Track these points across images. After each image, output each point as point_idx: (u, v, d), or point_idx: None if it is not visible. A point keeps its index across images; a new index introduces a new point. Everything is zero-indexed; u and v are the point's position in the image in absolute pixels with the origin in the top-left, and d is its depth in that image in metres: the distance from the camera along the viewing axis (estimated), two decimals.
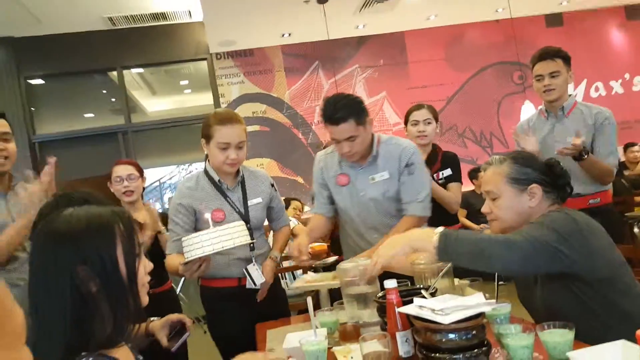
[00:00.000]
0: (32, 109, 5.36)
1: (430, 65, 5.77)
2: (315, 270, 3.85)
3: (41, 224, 0.95)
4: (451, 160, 2.60)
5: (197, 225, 1.98)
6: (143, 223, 2.49)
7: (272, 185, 2.14)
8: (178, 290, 5.21)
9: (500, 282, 1.69)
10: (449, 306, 1.25)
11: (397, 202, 2.08)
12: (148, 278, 1.02)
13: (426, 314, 1.24)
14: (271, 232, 2.40)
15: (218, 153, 1.91)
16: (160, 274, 2.29)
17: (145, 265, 1.00)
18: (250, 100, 5.45)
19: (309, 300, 1.56)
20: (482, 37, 5.91)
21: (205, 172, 2.04)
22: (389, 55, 5.75)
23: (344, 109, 1.93)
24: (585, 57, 5.71)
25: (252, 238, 1.94)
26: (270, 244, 2.30)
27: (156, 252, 2.44)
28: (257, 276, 1.96)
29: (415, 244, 1.40)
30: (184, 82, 6.46)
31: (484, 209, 1.54)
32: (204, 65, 5.56)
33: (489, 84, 5.79)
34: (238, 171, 2.03)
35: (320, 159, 2.23)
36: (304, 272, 3.04)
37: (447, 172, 2.56)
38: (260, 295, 1.97)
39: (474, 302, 1.29)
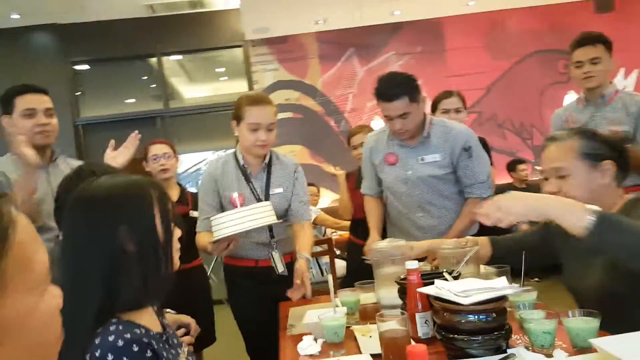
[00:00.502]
0: (77, 93, 5.60)
1: (469, 53, 5.63)
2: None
3: (78, 190, 1.00)
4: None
5: (223, 204, 2.03)
6: (175, 201, 2.59)
7: (297, 177, 2.09)
8: (209, 270, 5.37)
9: (536, 279, 1.65)
10: (470, 288, 1.24)
11: (445, 183, 2.13)
12: (178, 245, 1.07)
13: (446, 295, 1.24)
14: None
15: (248, 134, 1.93)
16: (190, 250, 2.37)
17: (176, 233, 1.05)
18: (284, 87, 5.49)
19: (330, 278, 1.58)
20: (525, 24, 5.69)
21: (234, 155, 2.08)
22: (425, 42, 5.64)
23: (398, 86, 2.03)
24: (638, 46, 5.41)
25: (271, 226, 1.99)
26: None
27: (187, 230, 2.53)
28: (279, 264, 1.99)
29: (554, 212, 1.19)
30: (220, 69, 6.57)
31: (550, 187, 1.41)
32: (239, 52, 5.64)
33: (531, 73, 5.58)
34: (265, 157, 2.04)
35: (370, 139, 2.32)
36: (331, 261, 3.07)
37: None
38: (294, 295, 1.89)
39: (496, 285, 1.27)
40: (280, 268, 1.98)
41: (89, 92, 5.73)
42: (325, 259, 3.70)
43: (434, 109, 2.62)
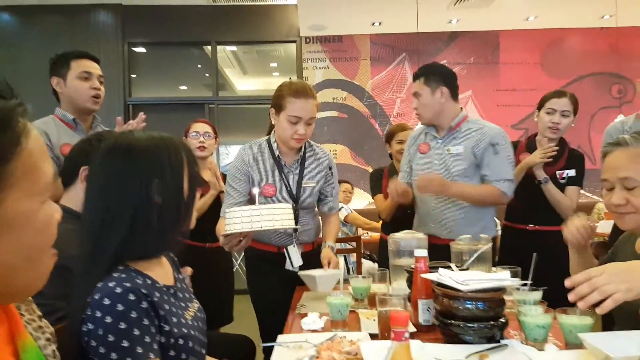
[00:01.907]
0: (133, 75, 5.93)
1: (523, 69, 5.54)
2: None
3: (114, 139, 1.07)
4: (578, 161, 2.41)
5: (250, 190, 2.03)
6: (208, 181, 2.72)
7: (330, 168, 2.12)
8: (239, 259, 5.54)
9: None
10: (471, 278, 1.29)
11: (467, 178, 2.14)
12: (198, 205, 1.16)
13: (446, 281, 1.29)
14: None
15: (287, 126, 1.90)
16: (213, 231, 2.48)
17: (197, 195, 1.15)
18: (333, 86, 5.59)
19: (341, 260, 1.65)
20: (583, 44, 5.55)
21: (268, 143, 2.05)
22: (479, 54, 5.60)
23: (423, 68, 2.23)
24: None
25: (297, 217, 1.98)
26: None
27: (216, 210, 2.66)
28: (296, 259, 1.98)
29: None
30: (273, 64, 6.78)
31: (616, 200, 1.27)
32: (292, 48, 5.80)
33: (584, 95, 5.37)
34: (300, 148, 2.03)
35: (415, 130, 2.44)
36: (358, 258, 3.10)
37: (572, 172, 2.37)
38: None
39: (498, 277, 1.31)
40: (296, 263, 1.97)
41: (142, 74, 6.05)
42: (353, 257, 3.75)
43: (540, 107, 2.50)
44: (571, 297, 1.04)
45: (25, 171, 0.54)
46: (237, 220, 1.62)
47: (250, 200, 2.01)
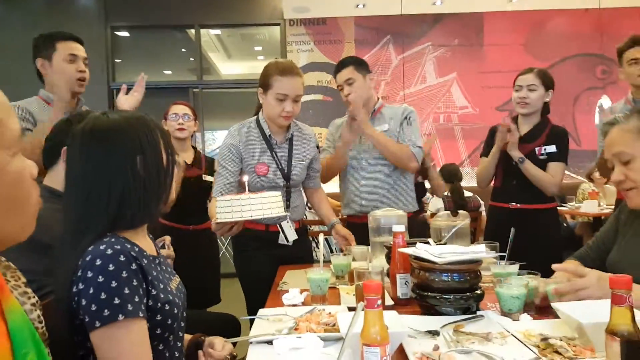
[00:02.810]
0: (117, 60, 5.83)
1: (507, 50, 5.55)
2: None
3: (90, 122, 1.09)
4: (560, 136, 2.40)
5: (242, 172, 2.05)
6: (189, 163, 2.71)
7: (318, 147, 2.21)
8: (225, 243, 5.54)
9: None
10: (447, 251, 1.31)
11: None
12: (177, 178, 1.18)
13: (422, 254, 1.31)
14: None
15: (275, 104, 1.95)
16: (202, 212, 2.48)
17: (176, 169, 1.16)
18: (317, 69, 5.56)
19: (322, 236, 1.66)
20: (567, 26, 5.57)
21: (258, 123, 2.09)
22: (464, 36, 5.60)
23: (348, 59, 2.44)
24: None
25: (289, 195, 2.07)
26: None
27: (199, 193, 2.65)
28: (290, 233, 2.04)
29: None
30: (257, 48, 6.70)
31: (616, 176, 1.32)
32: (277, 31, 5.74)
33: (568, 76, 5.46)
34: (289, 127, 2.08)
35: (336, 120, 2.61)
36: None
37: (551, 148, 2.37)
38: None
39: (472, 250, 1.33)
40: (291, 237, 2.03)
41: (127, 58, 5.96)
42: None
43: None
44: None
45: None
46: (227, 209, 1.63)
47: (242, 187, 2.01)
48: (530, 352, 1.01)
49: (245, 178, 1.77)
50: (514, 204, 2.42)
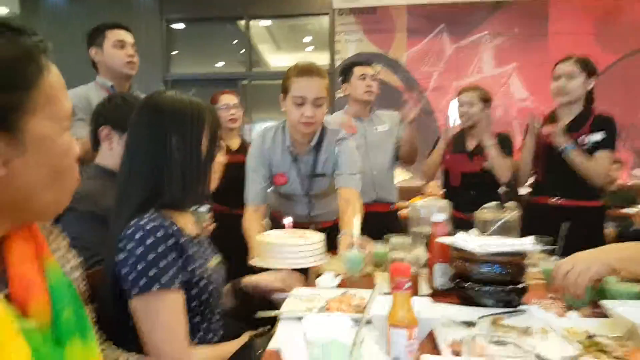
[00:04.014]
0: (173, 53, 6.09)
1: (574, 40, 5.27)
2: None
3: (147, 98, 1.20)
4: (605, 123, 2.32)
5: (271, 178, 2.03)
6: (235, 150, 2.80)
7: (339, 149, 1.99)
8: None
9: None
10: (490, 242, 1.28)
11: (386, 148, 2.73)
12: (219, 170, 1.24)
13: (462, 244, 1.29)
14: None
15: (293, 109, 1.83)
16: (238, 198, 2.56)
17: (220, 159, 1.22)
18: (365, 59, 5.53)
19: (357, 219, 1.66)
20: None
21: (282, 130, 2.01)
22: (526, 24, 5.38)
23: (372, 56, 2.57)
24: None
25: (311, 204, 2.06)
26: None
27: (242, 178, 2.73)
28: None
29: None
30: (306, 39, 6.76)
31: None
32: (326, 22, 5.77)
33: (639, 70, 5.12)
34: (312, 136, 1.94)
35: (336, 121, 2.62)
36: None
37: (596, 137, 2.28)
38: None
39: (517, 242, 1.30)
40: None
41: (180, 51, 6.21)
42: None
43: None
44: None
45: (47, 99, 0.61)
46: (268, 254, 1.56)
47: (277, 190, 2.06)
48: (571, 349, 0.97)
49: (287, 220, 1.68)
50: (555, 199, 2.33)
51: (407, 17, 5.50)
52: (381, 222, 2.23)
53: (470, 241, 1.30)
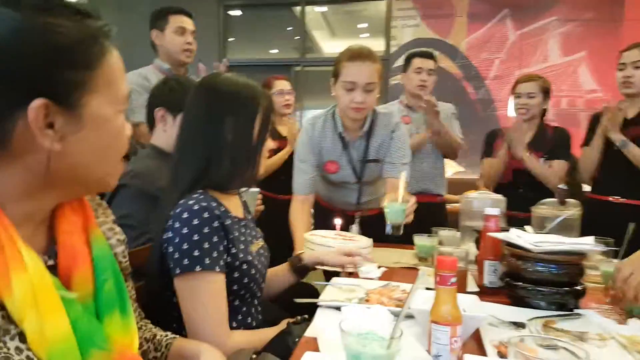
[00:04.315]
0: (230, 39, 6.19)
1: None
2: None
3: (205, 78, 1.22)
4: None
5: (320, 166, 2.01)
6: (285, 136, 2.81)
7: (393, 132, 1.96)
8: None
9: None
10: (546, 240, 1.21)
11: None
12: (267, 154, 1.23)
13: (516, 240, 1.23)
14: None
15: (343, 94, 1.81)
16: (286, 183, 2.58)
17: (269, 143, 1.22)
18: (422, 46, 5.31)
19: (403, 176, 1.64)
20: None
21: (332, 116, 1.98)
22: (599, 9, 5.02)
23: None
24: None
25: (361, 191, 2.02)
26: None
27: (291, 165, 2.75)
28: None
29: None
30: (362, 25, 6.67)
31: None
32: (382, 7, 5.65)
33: None
34: (364, 122, 1.92)
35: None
36: None
37: None
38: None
39: (576, 241, 1.22)
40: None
41: (237, 37, 6.30)
42: None
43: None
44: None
45: (106, 81, 0.64)
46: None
47: (323, 176, 2.05)
48: (631, 359, 0.90)
49: (337, 222, 1.69)
50: (615, 197, 2.18)
51: (469, 2, 5.28)
52: (426, 213, 2.13)
53: (524, 238, 1.24)
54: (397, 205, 1.60)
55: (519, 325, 1.06)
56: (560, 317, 1.11)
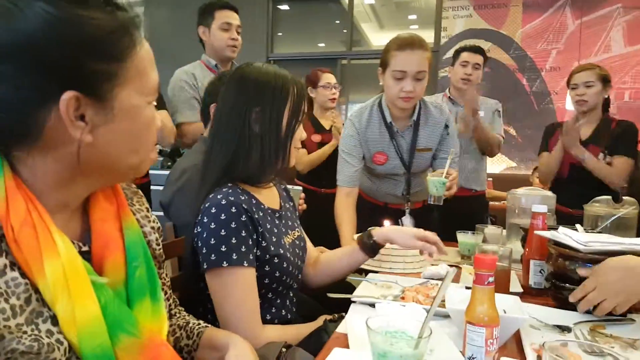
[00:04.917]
0: (279, 34, 6.24)
1: None
2: None
3: (235, 69, 1.21)
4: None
5: (365, 159, 1.99)
6: (328, 129, 2.81)
7: (447, 127, 1.97)
8: None
9: None
10: (597, 240, 1.15)
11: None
12: (300, 145, 1.21)
13: (564, 239, 1.17)
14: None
15: (392, 83, 1.79)
16: (333, 177, 2.56)
17: (301, 134, 1.20)
18: (474, 36, 5.18)
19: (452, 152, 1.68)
20: None
21: (379, 106, 1.96)
22: None
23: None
24: None
25: (409, 182, 1.98)
26: None
27: (333, 158, 2.74)
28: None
29: None
30: (411, 17, 6.54)
31: None
32: None
33: None
34: (413, 111, 1.91)
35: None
36: None
37: None
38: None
39: (631, 241, 1.14)
40: None
41: (285, 31, 6.34)
42: None
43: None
44: (579, 310, 1.09)
45: (137, 72, 0.64)
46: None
47: (368, 169, 2.03)
48: None
49: (387, 223, 1.64)
50: None
51: None
52: (463, 207, 2.31)
53: (573, 237, 1.17)
54: (439, 179, 1.69)
55: (564, 329, 1.01)
56: (610, 322, 1.05)
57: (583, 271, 1.10)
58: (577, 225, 1.33)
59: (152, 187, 3.53)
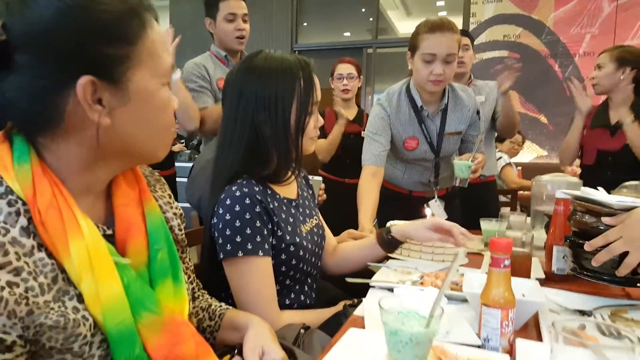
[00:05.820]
0: (304, 24, 6.26)
1: None
2: None
3: (242, 61, 1.20)
4: None
5: (394, 143, 2.00)
6: (351, 120, 2.82)
7: (478, 112, 2.01)
8: None
9: None
10: (629, 199, 1.09)
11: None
12: (317, 133, 1.21)
13: (593, 193, 1.12)
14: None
15: (422, 67, 1.80)
16: (357, 167, 2.57)
17: (316, 121, 1.19)
18: (505, 22, 5.08)
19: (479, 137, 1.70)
20: None
21: (407, 91, 1.96)
22: None
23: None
24: None
25: (438, 167, 2.00)
26: None
27: (356, 149, 2.75)
28: (440, 214, 1.94)
29: None
30: (440, 3, 6.45)
31: None
32: None
33: None
34: (443, 94, 1.92)
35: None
36: None
37: None
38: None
39: None
40: (441, 217, 1.88)
41: (309, 21, 6.35)
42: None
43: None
44: (593, 263, 1.03)
45: (149, 55, 0.66)
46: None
47: (394, 156, 2.05)
48: None
49: (428, 212, 1.65)
50: None
51: None
52: (476, 194, 2.34)
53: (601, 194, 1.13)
54: (466, 162, 1.77)
55: (585, 313, 1.01)
56: (633, 307, 1.04)
57: (608, 219, 1.03)
58: (600, 188, 1.29)
59: (177, 179, 3.59)
